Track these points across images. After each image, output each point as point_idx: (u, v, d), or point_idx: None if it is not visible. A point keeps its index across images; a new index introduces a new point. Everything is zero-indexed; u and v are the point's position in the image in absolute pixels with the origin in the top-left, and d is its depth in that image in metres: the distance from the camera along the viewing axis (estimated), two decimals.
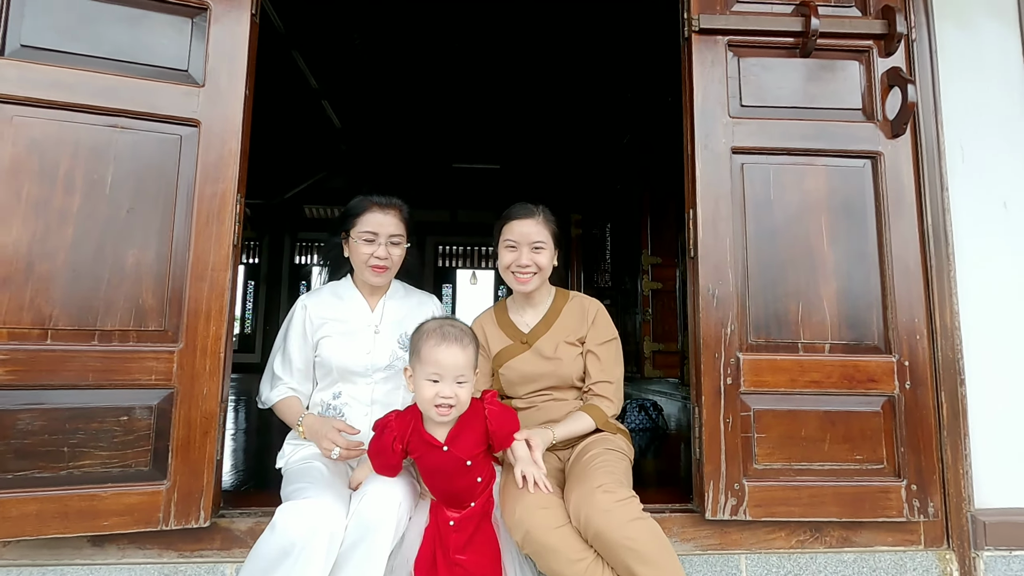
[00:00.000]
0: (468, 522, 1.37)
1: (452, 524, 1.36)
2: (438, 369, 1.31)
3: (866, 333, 1.81)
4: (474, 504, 1.39)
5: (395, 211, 1.69)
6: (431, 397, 1.31)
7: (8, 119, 1.57)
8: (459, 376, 1.32)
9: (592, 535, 1.29)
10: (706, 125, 1.86)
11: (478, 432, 1.38)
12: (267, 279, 10.93)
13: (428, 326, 1.38)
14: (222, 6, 1.75)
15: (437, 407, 1.31)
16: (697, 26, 1.89)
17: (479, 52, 5.91)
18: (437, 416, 1.32)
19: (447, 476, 1.38)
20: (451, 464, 1.36)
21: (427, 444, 1.36)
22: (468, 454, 1.36)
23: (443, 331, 1.34)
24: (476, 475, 1.39)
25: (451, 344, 1.33)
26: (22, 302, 1.53)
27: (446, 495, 1.40)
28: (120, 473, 1.55)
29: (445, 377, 1.31)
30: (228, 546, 1.65)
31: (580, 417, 1.58)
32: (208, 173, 1.68)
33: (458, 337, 1.34)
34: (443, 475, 1.38)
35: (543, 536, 1.29)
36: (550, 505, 1.34)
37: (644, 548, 1.25)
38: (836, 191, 1.86)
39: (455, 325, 1.38)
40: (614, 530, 1.26)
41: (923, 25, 1.98)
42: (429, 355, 1.32)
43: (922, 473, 1.75)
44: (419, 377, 1.34)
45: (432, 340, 1.33)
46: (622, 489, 1.35)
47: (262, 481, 2.42)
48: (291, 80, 6.03)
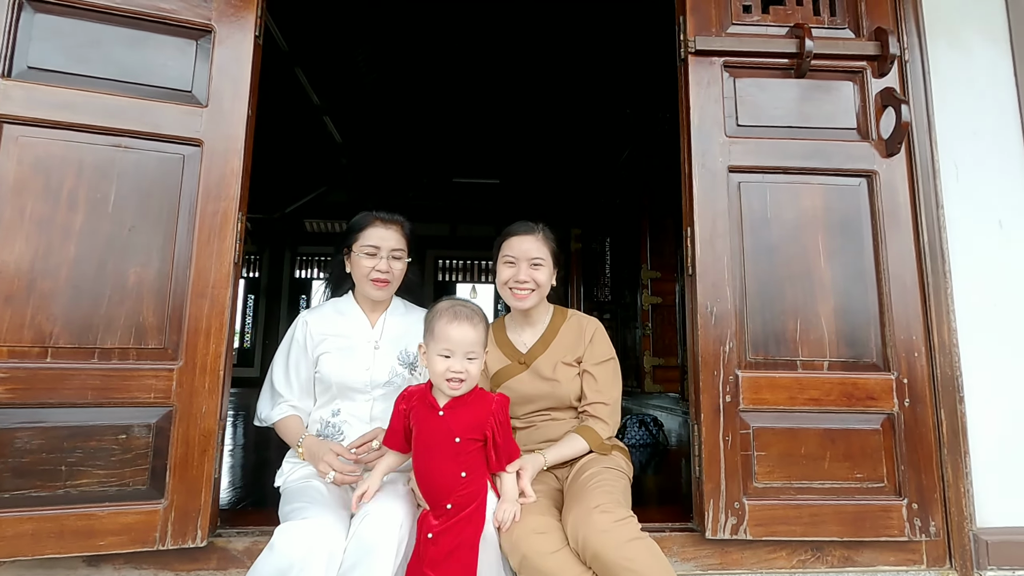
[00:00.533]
0: (447, 537, 1.32)
1: (430, 536, 1.33)
2: (449, 345, 1.37)
3: (864, 350, 1.82)
4: (451, 507, 1.34)
5: (397, 226, 1.70)
6: (443, 371, 1.37)
7: (14, 139, 1.59)
8: (469, 352, 1.38)
9: (590, 556, 1.28)
10: (703, 144, 1.88)
11: (476, 416, 1.40)
12: (267, 293, 10.94)
13: (441, 306, 1.45)
14: (226, 28, 1.78)
15: (448, 380, 1.37)
16: (693, 47, 1.92)
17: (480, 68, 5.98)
18: (448, 389, 1.38)
19: (432, 450, 1.38)
20: (440, 434, 1.38)
21: (428, 406, 1.41)
22: (460, 430, 1.38)
23: (455, 310, 1.41)
24: (461, 465, 1.37)
25: (462, 322, 1.39)
26: (23, 320, 1.53)
27: (429, 482, 1.38)
28: (117, 492, 1.54)
29: (456, 353, 1.37)
30: (225, 566, 1.64)
31: (573, 440, 1.57)
32: (210, 192, 1.70)
33: (469, 316, 1.41)
34: (428, 448, 1.39)
35: (540, 561, 1.28)
36: (547, 529, 1.33)
37: (642, 569, 1.24)
38: (832, 209, 1.88)
39: (466, 305, 1.45)
40: (611, 551, 1.25)
41: (916, 46, 2.01)
42: (441, 332, 1.39)
43: (923, 491, 1.74)
44: (432, 353, 1.41)
45: (445, 318, 1.40)
46: (620, 509, 1.34)
47: (260, 499, 2.41)
48: (293, 96, 6.10)
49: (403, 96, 6.77)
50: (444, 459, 1.37)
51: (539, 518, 1.35)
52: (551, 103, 6.67)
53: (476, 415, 1.40)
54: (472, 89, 6.45)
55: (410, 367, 1.68)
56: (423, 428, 1.40)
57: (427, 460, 1.39)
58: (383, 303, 1.73)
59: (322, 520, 1.30)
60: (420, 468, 1.41)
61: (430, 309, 1.48)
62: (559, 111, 6.90)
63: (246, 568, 1.62)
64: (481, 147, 8.18)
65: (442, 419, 1.39)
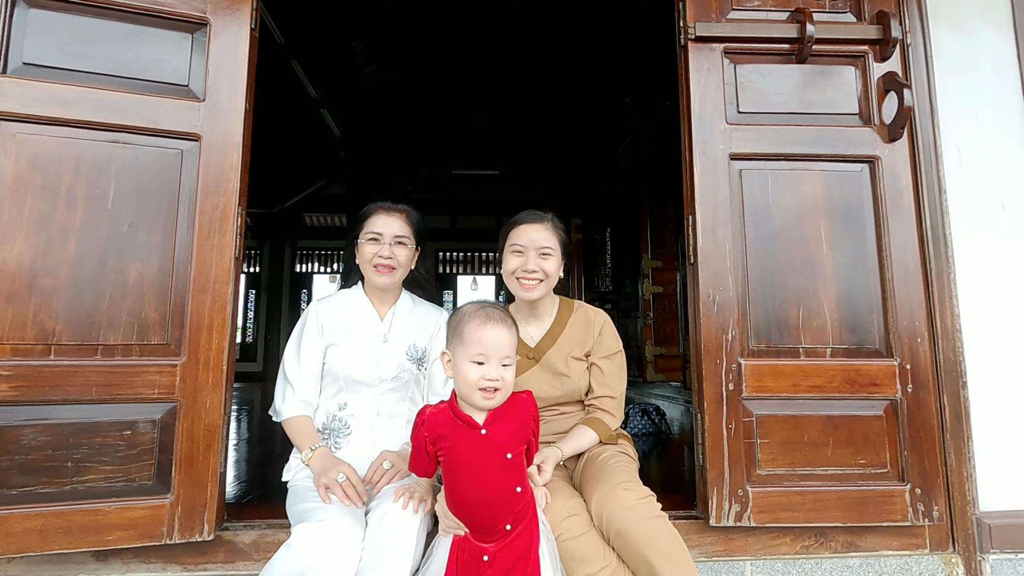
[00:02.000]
0: (506, 552, 1.20)
1: (486, 559, 1.20)
2: (483, 349, 1.23)
3: (867, 337, 1.81)
4: (511, 527, 1.22)
5: (401, 214, 1.70)
6: (475, 380, 1.22)
7: (11, 136, 1.58)
8: (505, 357, 1.24)
9: (614, 532, 1.30)
10: (704, 132, 1.87)
11: (519, 424, 1.27)
12: (268, 287, 10.94)
13: (469, 308, 1.31)
14: (222, 21, 1.76)
15: (482, 390, 1.22)
16: (693, 34, 1.90)
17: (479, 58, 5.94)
18: (481, 400, 1.23)
19: (482, 474, 1.22)
20: (488, 454, 1.22)
21: (463, 425, 1.24)
22: (508, 444, 1.23)
23: (486, 312, 1.28)
24: (515, 480, 1.24)
25: (496, 324, 1.26)
26: (25, 318, 1.53)
27: (479, 509, 1.23)
28: (124, 487, 1.55)
29: (491, 358, 1.23)
30: (232, 559, 1.65)
31: (585, 432, 1.58)
32: (209, 187, 1.69)
33: (502, 317, 1.28)
34: (477, 473, 1.22)
35: (569, 544, 1.31)
36: (577, 511, 1.36)
37: (665, 547, 1.28)
38: (834, 196, 1.87)
39: (496, 306, 1.32)
40: (636, 527, 1.28)
41: (918, 30, 1.99)
42: (473, 335, 1.24)
43: (926, 476, 1.75)
44: (461, 360, 1.25)
45: (476, 320, 1.26)
46: (641, 487, 1.38)
47: (265, 492, 2.42)
48: (290, 89, 6.06)
49: (401, 88, 6.73)
50: (497, 479, 1.23)
51: (569, 501, 1.37)
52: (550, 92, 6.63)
53: (518, 422, 1.28)
54: (471, 79, 6.41)
55: (418, 362, 1.68)
56: (463, 452, 1.24)
57: (475, 484, 1.23)
58: (391, 295, 1.73)
59: (340, 522, 1.29)
60: (464, 495, 1.25)
61: (454, 313, 1.35)
62: (558, 100, 6.85)
63: (253, 561, 1.64)
64: (480, 138, 8.14)
65: (486, 438, 1.23)
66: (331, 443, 1.60)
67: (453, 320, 1.33)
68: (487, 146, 8.40)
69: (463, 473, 1.24)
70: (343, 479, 1.39)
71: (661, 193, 6.29)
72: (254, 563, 1.63)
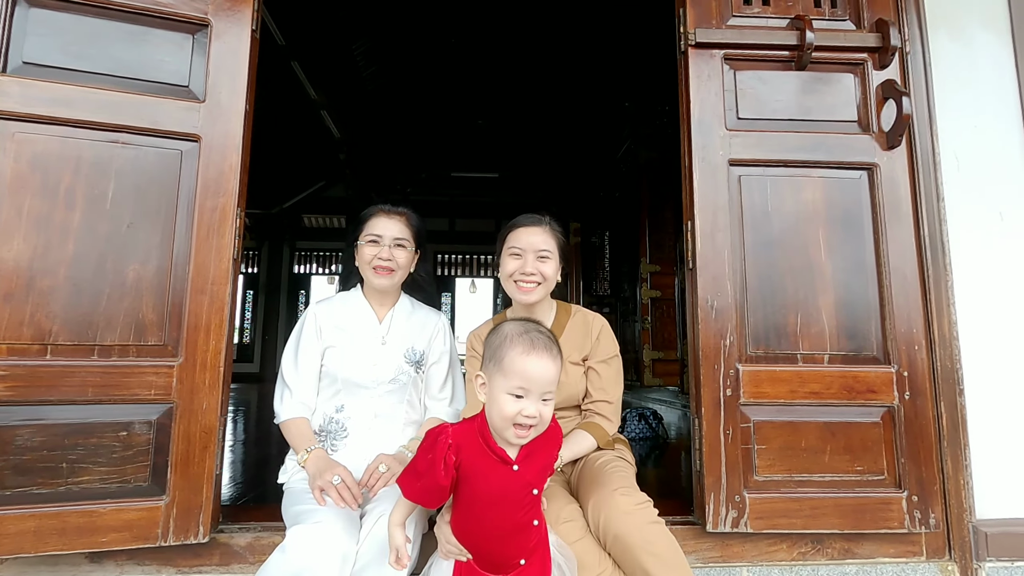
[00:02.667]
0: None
1: None
2: (524, 383, 1.10)
3: (865, 344, 1.82)
4: (525, 562, 1.15)
5: (401, 217, 1.70)
6: (511, 415, 1.10)
7: (10, 135, 1.58)
8: (546, 392, 1.12)
9: (611, 537, 1.30)
10: (703, 138, 1.87)
11: (549, 457, 1.18)
12: (266, 288, 10.93)
13: (511, 329, 1.17)
14: (223, 22, 1.77)
15: (517, 426, 1.11)
16: (693, 40, 1.91)
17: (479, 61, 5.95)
18: (514, 437, 1.12)
19: (505, 510, 1.13)
20: (516, 490, 1.13)
21: (495, 460, 1.14)
22: (537, 480, 1.16)
23: (531, 338, 1.14)
24: (534, 513, 1.16)
25: (541, 354, 1.12)
26: (22, 317, 1.53)
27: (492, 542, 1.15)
28: (119, 489, 1.55)
29: (532, 392, 1.10)
30: (227, 561, 1.64)
31: (583, 437, 1.57)
32: (208, 187, 1.69)
33: (548, 346, 1.14)
34: (500, 508, 1.13)
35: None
36: (573, 517, 1.35)
37: (662, 552, 1.27)
38: (833, 202, 1.87)
39: (541, 331, 1.18)
40: (633, 533, 1.28)
41: (917, 38, 2.00)
42: (515, 365, 1.11)
43: (923, 484, 1.75)
44: (498, 390, 1.12)
45: (519, 347, 1.12)
46: (639, 493, 1.37)
47: (261, 494, 2.41)
48: (291, 91, 6.07)
49: (401, 90, 6.74)
50: (516, 514, 1.14)
51: (566, 507, 1.37)
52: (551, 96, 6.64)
53: (548, 455, 1.19)
54: (472, 82, 6.42)
55: (416, 365, 1.67)
56: (488, 486, 1.14)
57: (492, 518, 1.14)
58: (390, 298, 1.73)
59: (335, 524, 1.29)
60: (478, 527, 1.16)
61: (493, 331, 1.21)
62: (559, 104, 6.87)
63: (248, 563, 1.63)
64: (480, 141, 8.16)
65: (517, 474, 1.14)
66: (328, 445, 1.59)
67: (492, 341, 1.18)
68: (487, 149, 8.41)
69: (482, 506, 1.14)
70: (338, 481, 1.39)
71: (660, 198, 6.31)
72: (249, 565, 1.62)
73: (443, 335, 1.76)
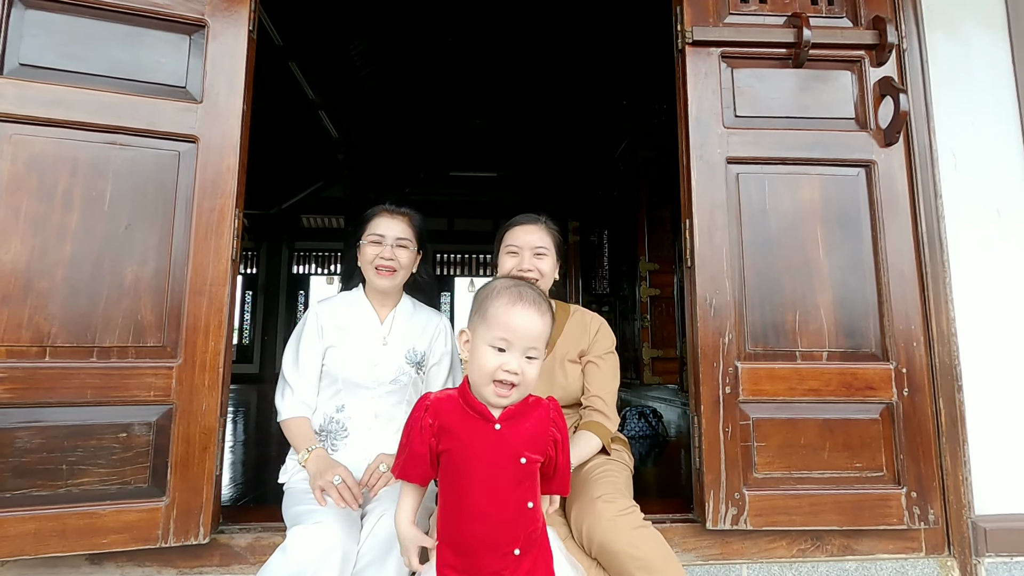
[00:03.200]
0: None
1: None
2: (506, 334, 1.04)
3: (863, 341, 1.82)
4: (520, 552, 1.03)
5: (403, 217, 1.71)
6: (491, 369, 1.04)
7: (7, 137, 1.58)
8: (530, 348, 1.05)
9: (596, 547, 1.28)
10: (701, 136, 1.88)
11: (537, 428, 1.09)
12: (264, 289, 10.92)
13: (499, 284, 1.13)
14: (220, 23, 1.76)
15: (497, 383, 1.04)
16: (691, 38, 1.91)
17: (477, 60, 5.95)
18: (493, 395, 1.05)
19: (491, 480, 1.04)
20: (501, 455, 1.05)
21: (475, 416, 1.07)
22: (524, 446, 1.06)
23: (519, 291, 1.09)
24: (527, 493, 1.07)
25: (527, 306, 1.07)
26: (20, 319, 1.53)
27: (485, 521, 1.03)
28: (119, 490, 1.55)
29: (514, 346, 1.04)
30: (227, 562, 1.64)
31: (588, 439, 1.52)
32: (206, 188, 1.69)
33: (535, 300, 1.09)
34: (486, 478, 1.04)
35: None
36: (552, 523, 1.33)
37: (648, 556, 1.25)
38: (831, 200, 1.88)
39: (533, 288, 1.13)
40: (619, 540, 1.26)
41: (914, 35, 2.01)
42: (498, 316, 1.06)
43: (922, 480, 1.75)
44: (479, 342, 1.07)
45: (504, 299, 1.08)
46: (623, 499, 1.35)
47: (261, 495, 2.42)
48: (288, 91, 6.06)
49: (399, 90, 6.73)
50: (506, 487, 1.05)
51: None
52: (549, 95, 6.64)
53: (536, 426, 1.10)
54: (469, 82, 6.42)
55: (416, 366, 1.67)
56: (472, 450, 1.05)
57: (480, 492, 1.04)
58: (392, 299, 1.73)
59: (336, 524, 1.29)
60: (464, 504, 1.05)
61: (483, 287, 1.18)
62: (557, 103, 6.87)
63: (249, 564, 1.63)
64: (479, 140, 8.15)
65: (499, 434, 1.06)
66: (328, 445, 1.59)
67: (480, 295, 1.14)
68: (485, 148, 8.41)
69: (470, 477, 1.05)
70: (338, 481, 1.39)
71: (659, 196, 6.31)
72: (250, 566, 1.62)
73: (444, 336, 1.76)
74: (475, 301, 1.14)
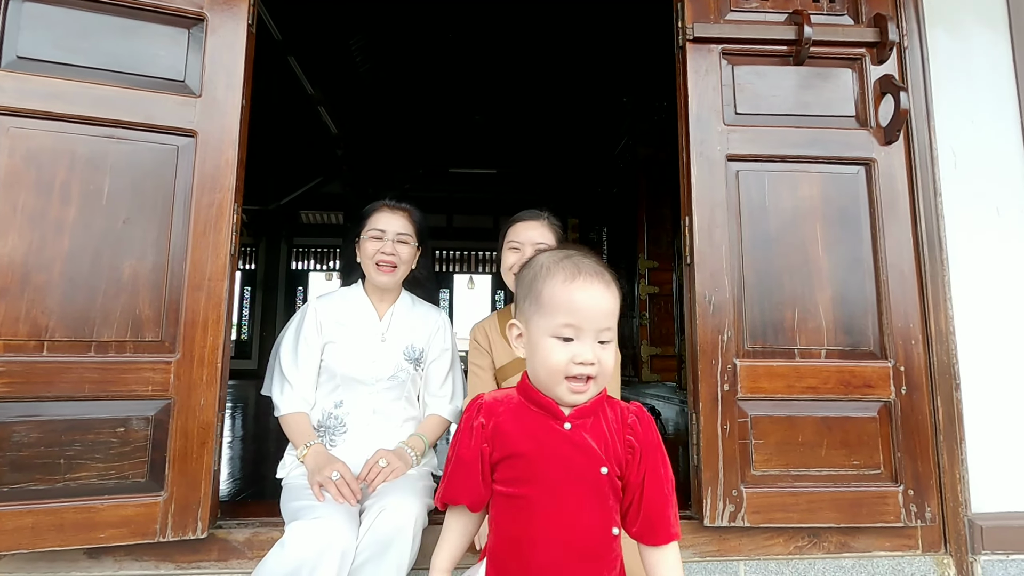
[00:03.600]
0: None
1: None
2: (572, 319, 0.82)
3: (862, 339, 1.82)
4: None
5: (404, 212, 1.71)
6: (561, 364, 0.82)
7: (4, 130, 1.57)
8: (603, 330, 0.84)
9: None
10: (701, 133, 1.87)
11: (608, 438, 0.86)
12: (263, 285, 10.91)
13: (547, 259, 0.89)
14: (218, 17, 1.75)
15: (571, 379, 0.83)
16: (691, 35, 1.90)
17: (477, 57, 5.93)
18: (568, 393, 0.84)
19: (568, 491, 0.82)
20: (577, 461, 0.83)
21: (539, 414, 0.86)
22: (604, 453, 0.84)
23: (575, 263, 0.86)
24: (612, 516, 0.84)
25: (590, 280, 0.84)
26: (18, 313, 1.52)
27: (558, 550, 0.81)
28: (117, 485, 1.54)
29: (584, 331, 0.82)
30: (226, 557, 1.64)
31: None
32: (205, 183, 1.68)
33: (597, 270, 0.86)
34: (560, 489, 0.82)
35: None
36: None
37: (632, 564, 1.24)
38: (830, 198, 1.88)
39: (589, 254, 0.90)
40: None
41: (915, 33, 2.00)
42: (556, 298, 0.84)
43: (919, 478, 1.75)
44: (538, 334, 0.85)
45: (559, 275, 0.85)
46: None
47: (260, 490, 2.42)
48: (287, 86, 6.04)
49: (399, 85, 6.71)
50: (588, 505, 0.82)
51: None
52: (549, 92, 6.63)
53: (612, 431, 0.87)
54: (469, 78, 6.40)
55: (415, 362, 1.67)
56: (537, 454, 0.84)
57: (552, 510, 0.81)
58: (391, 294, 1.73)
59: (334, 519, 1.29)
60: (531, 527, 0.82)
61: (525, 268, 0.94)
62: (557, 100, 6.86)
63: (247, 559, 1.63)
64: (478, 137, 8.14)
65: (570, 436, 0.84)
66: (327, 440, 1.60)
67: (525, 277, 0.92)
68: (485, 145, 8.39)
69: (537, 491, 0.82)
70: (337, 477, 1.39)
71: (658, 194, 6.31)
72: (248, 561, 1.62)
73: (443, 332, 1.76)
74: (521, 285, 0.93)
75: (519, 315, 0.92)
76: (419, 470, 1.57)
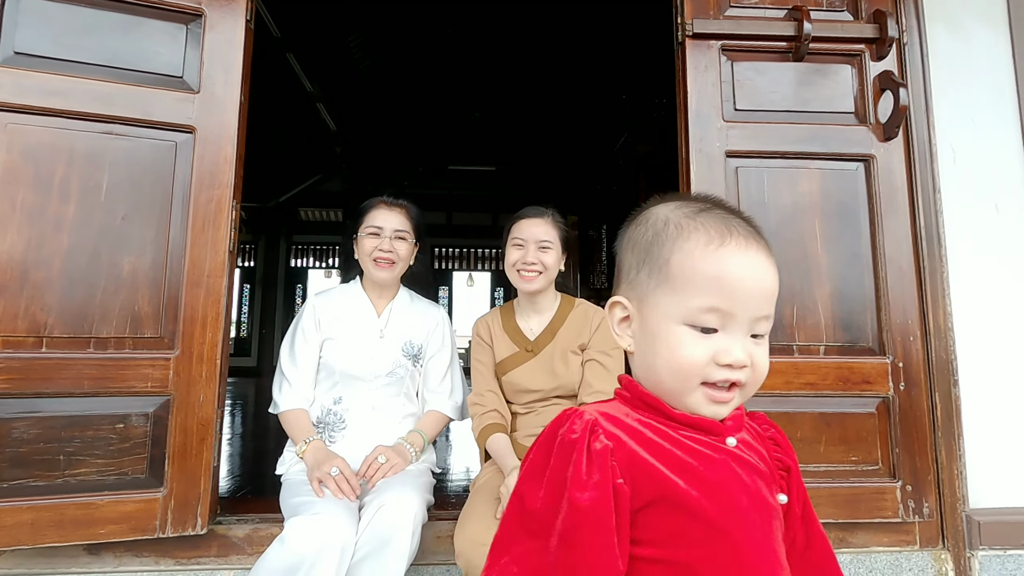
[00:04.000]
0: None
1: None
2: (720, 300, 0.57)
3: (860, 335, 1.82)
4: None
5: (401, 209, 1.71)
6: (699, 364, 0.57)
7: (3, 126, 1.56)
8: (760, 319, 0.58)
9: None
10: (700, 129, 1.87)
11: (763, 456, 0.64)
12: (262, 282, 10.90)
13: (671, 213, 0.63)
14: (217, 13, 1.75)
15: (709, 386, 0.58)
16: (691, 31, 1.90)
17: (476, 54, 5.92)
18: (706, 404, 0.59)
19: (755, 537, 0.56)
20: (754, 484, 0.59)
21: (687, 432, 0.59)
22: (774, 475, 0.63)
23: (723, 220, 0.61)
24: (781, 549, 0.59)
25: (748, 244, 0.59)
26: (17, 310, 1.52)
27: None
28: (116, 481, 1.55)
29: (735, 319, 0.57)
30: (225, 553, 1.65)
31: None
32: (203, 179, 1.68)
33: (754, 233, 0.61)
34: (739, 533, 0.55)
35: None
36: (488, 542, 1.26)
37: None
38: (830, 194, 1.88)
39: (739, 212, 0.64)
40: None
41: (914, 29, 2.00)
42: (700, 266, 0.58)
43: (917, 474, 1.76)
44: (663, 320, 0.59)
45: (702, 235, 0.60)
46: None
47: (259, 487, 2.42)
48: (286, 83, 6.02)
49: (398, 83, 6.70)
50: (771, 548, 0.57)
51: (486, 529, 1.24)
52: (548, 89, 6.62)
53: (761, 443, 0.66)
54: (469, 75, 6.39)
55: (414, 359, 1.67)
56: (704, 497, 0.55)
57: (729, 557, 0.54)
58: (390, 291, 1.73)
59: (334, 515, 1.29)
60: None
61: (634, 223, 0.68)
62: (556, 97, 6.84)
63: (247, 555, 1.63)
64: (477, 134, 8.12)
65: (736, 456, 0.60)
66: (326, 437, 1.60)
67: (639, 236, 0.65)
68: (484, 142, 8.38)
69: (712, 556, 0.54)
70: (336, 472, 1.39)
71: (657, 191, 6.26)
72: (247, 557, 1.63)
73: (442, 328, 1.76)
74: (630, 248, 0.65)
75: (627, 290, 0.64)
76: (418, 466, 1.57)
